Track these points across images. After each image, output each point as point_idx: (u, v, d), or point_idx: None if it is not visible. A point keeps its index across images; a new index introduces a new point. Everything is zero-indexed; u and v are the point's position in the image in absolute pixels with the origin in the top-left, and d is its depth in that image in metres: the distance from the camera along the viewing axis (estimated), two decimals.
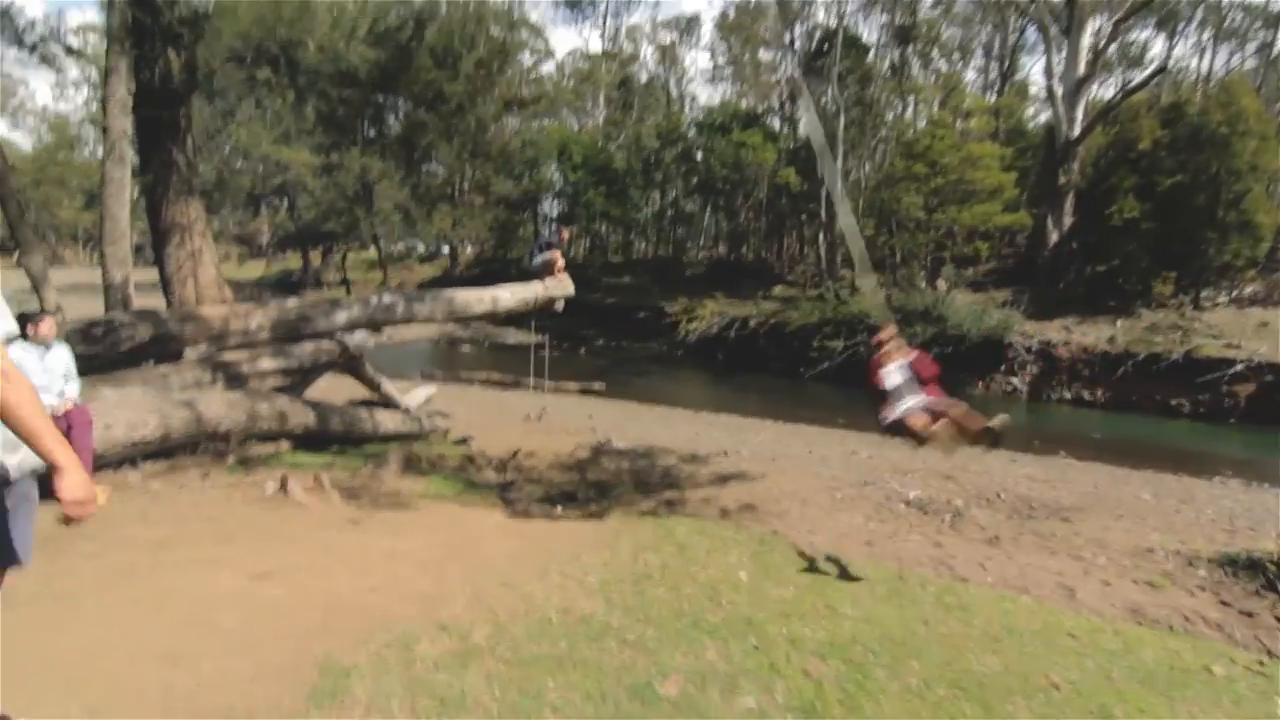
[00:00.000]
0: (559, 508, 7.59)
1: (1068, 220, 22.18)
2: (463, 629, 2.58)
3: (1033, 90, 34.87)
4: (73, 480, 1.58)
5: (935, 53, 31.50)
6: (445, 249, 39.28)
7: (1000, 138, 24.53)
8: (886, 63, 28.89)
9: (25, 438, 1.59)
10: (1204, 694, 2.87)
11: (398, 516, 4.36)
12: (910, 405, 5.20)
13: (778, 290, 26.77)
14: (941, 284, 20.55)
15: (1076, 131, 21.67)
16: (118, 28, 6.02)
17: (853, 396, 18.95)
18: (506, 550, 3.57)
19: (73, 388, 4.74)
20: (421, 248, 45.13)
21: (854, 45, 27.20)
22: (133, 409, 4.93)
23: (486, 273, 33.78)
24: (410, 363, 20.51)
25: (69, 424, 4.44)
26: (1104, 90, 25.78)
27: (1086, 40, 21.95)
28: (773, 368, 22.07)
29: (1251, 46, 31.69)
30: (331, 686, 2.17)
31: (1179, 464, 12.61)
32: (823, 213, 25.35)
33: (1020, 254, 25.44)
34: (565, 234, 10.47)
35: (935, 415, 5.18)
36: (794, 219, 30.84)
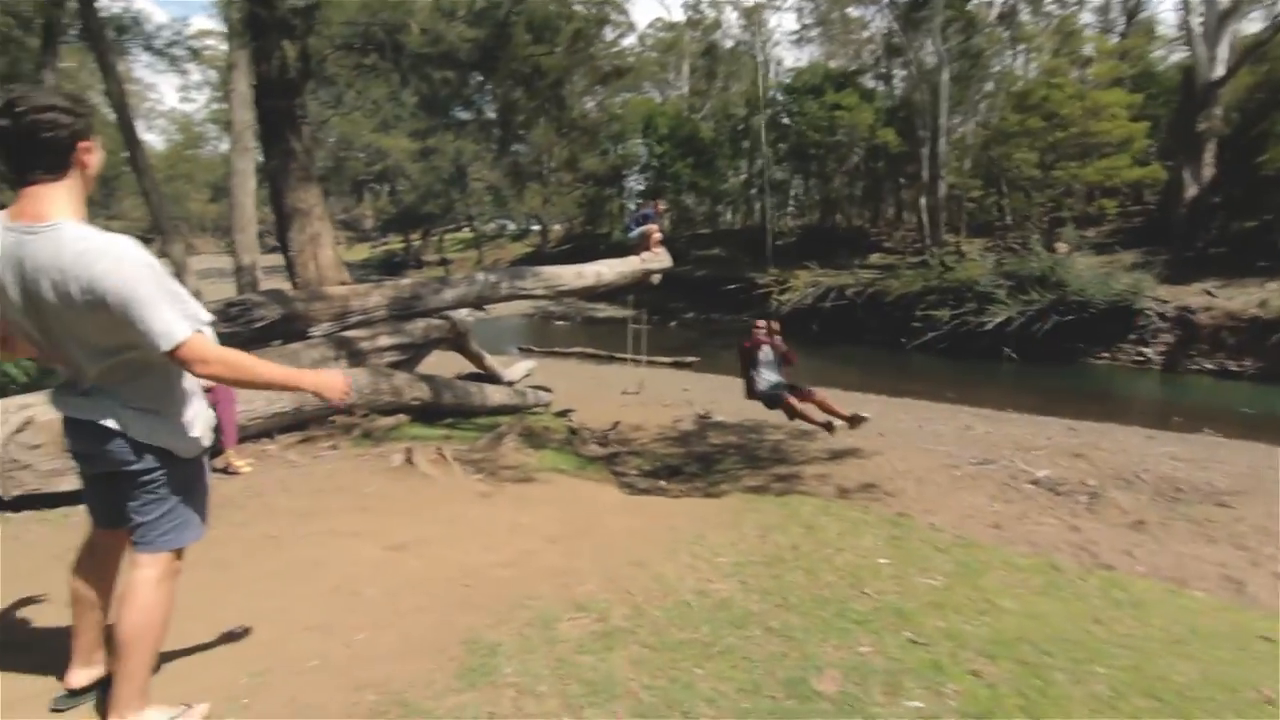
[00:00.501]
0: (664, 481, 7.56)
1: (1208, 172, 19.87)
2: (600, 608, 2.52)
3: (1160, 30, 31.41)
4: (310, 380, 1.88)
5: None
6: (535, 227, 39.98)
7: (1127, 84, 22.18)
8: (994, 12, 26.67)
9: (256, 386, 1.87)
10: None
11: (518, 490, 4.39)
12: (775, 380, 7.15)
13: (875, 258, 25.59)
14: (1061, 246, 18.95)
15: (1220, 72, 19.28)
16: (237, 22, 6.30)
17: (962, 369, 17.94)
18: (630, 527, 3.51)
19: None
20: (512, 226, 46.16)
21: None
22: None
23: (576, 249, 34.15)
24: (505, 338, 21.08)
25: (215, 399, 4.72)
26: (1248, 25, 22.77)
27: None
28: (872, 339, 21.19)
29: None
30: (480, 664, 2.16)
31: None
32: (924, 174, 23.88)
33: (1151, 211, 23.10)
34: (661, 207, 10.29)
35: (803, 395, 7.00)
36: (892, 182, 29.29)
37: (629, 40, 37.21)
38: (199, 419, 1.90)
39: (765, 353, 7.17)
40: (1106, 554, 5.79)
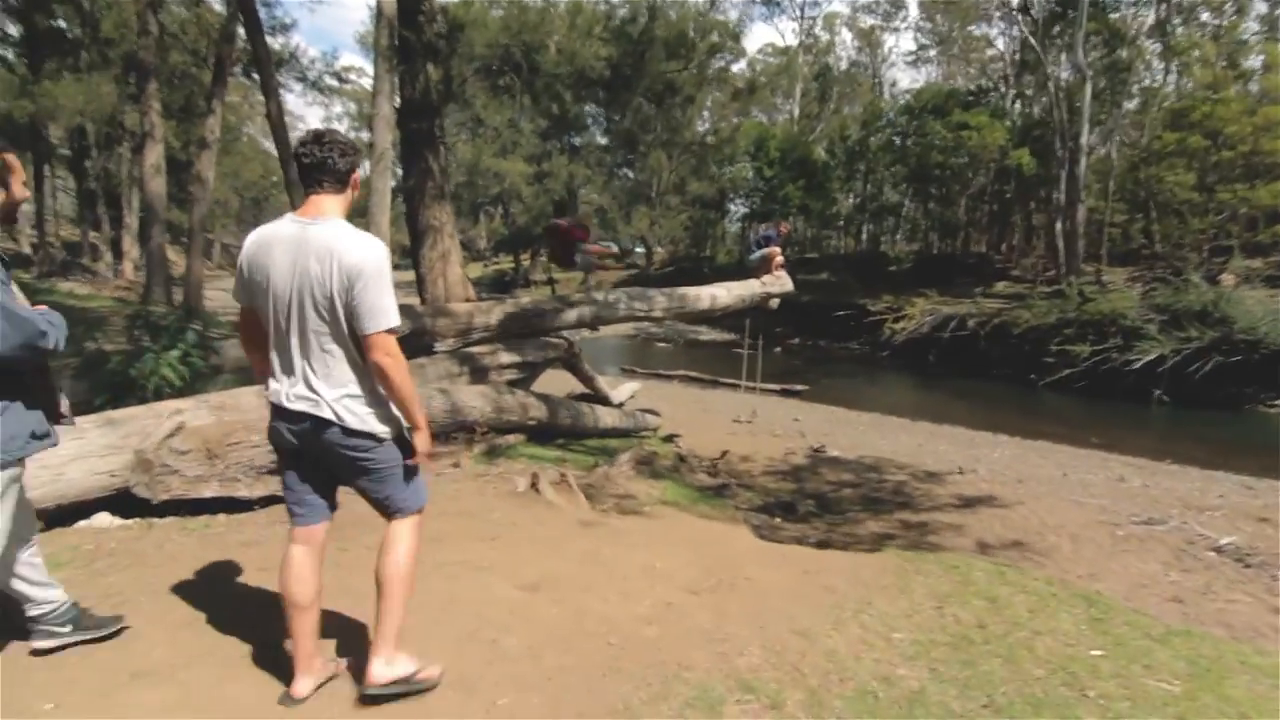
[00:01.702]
0: (778, 519, 7.08)
1: None
2: (770, 692, 2.16)
3: None
4: (424, 437, 2.14)
5: (1202, 7, 26.18)
6: (639, 248, 40.37)
7: None
8: (1145, 22, 24.52)
9: (399, 403, 2.09)
10: None
11: (644, 525, 4.12)
12: None
13: (1000, 286, 23.89)
14: (1228, 278, 16.88)
15: None
16: (386, 48, 6.54)
17: (1103, 411, 16.24)
18: (778, 583, 3.13)
19: None
20: (615, 248, 46.81)
21: (1097, 5, 23.39)
22: None
23: (679, 271, 34.11)
24: (607, 358, 21.11)
25: None
26: None
27: None
28: (996, 374, 19.65)
29: None
30: None
31: None
32: (1061, 197, 22.10)
33: None
34: (785, 229, 9.89)
35: None
36: (1021, 206, 27.36)
37: (739, 66, 37.23)
38: (389, 405, 2.12)
39: None
40: None
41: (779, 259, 9.02)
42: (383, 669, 2.11)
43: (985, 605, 3.02)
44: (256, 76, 16.42)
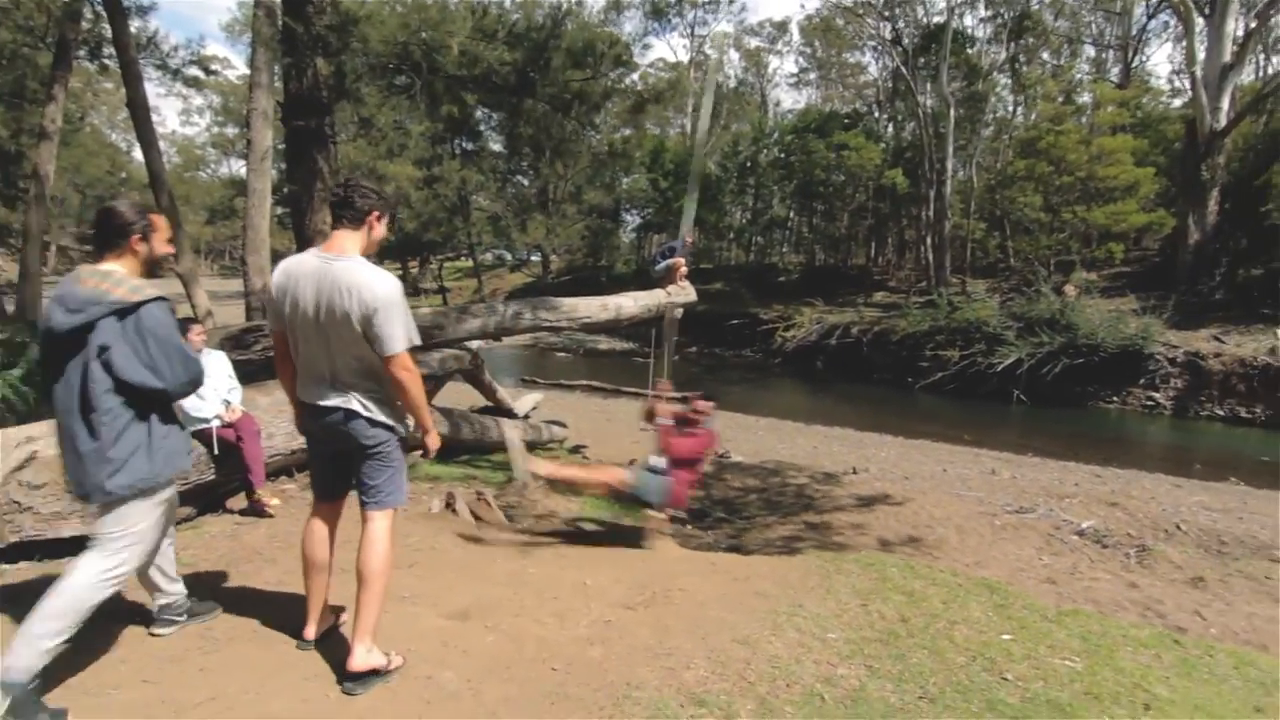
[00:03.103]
0: (689, 526, 7.16)
1: (1212, 219, 20.05)
2: (722, 704, 2.15)
3: (1154, 81, 32.12)
4: (434, 438, 2.69)
5: (1043, 47, 29.46)
6: (534, 257, 39.91)
7: (1132, 131, 22.50)
8: (997, 58, 27.18)
9: (412, 409, 2.48)
10: None
11: (570, 543, 4.01)
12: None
13: (879, 296, 25.57)
14: (1070, 289, 18.92)
15: (1222, 122, 19.58)
16: (269, 38, 6.08)
17: (971, 410, 17.69)
18: (712, 592, 3.14)
19: (236, 396, 4.67)
20: (509, 256, 46.06)
21: (958, 41, 25.71)
22: (289, 417, 4.81)
23: (576, 280, 34.02)
24: (503, 369, 20.65)
25: (238, 434, 4.34)
26: (1242, 77, 23.21)
27: (1231, 25, 19.85)
28: (878, 378, 20.98)
29: None
30: None
31: None
32: (930, 214, 24.00)
33: (1154, 257, 23.26)
34: (690, 240, 10.04)
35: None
36: (896, 222, 29.45)
37: (632, 78, 37.74)
38: (403, 409, 2.52)
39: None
40: (1174, 614, 5.46)
41: (683, 269, 9.15)
42: (364, 655, 2.35)
43: (904, 599, 3.17)
44: (106, 60, 14.84)
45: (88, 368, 2.19)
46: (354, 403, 2.40)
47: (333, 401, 2.41)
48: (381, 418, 2.43)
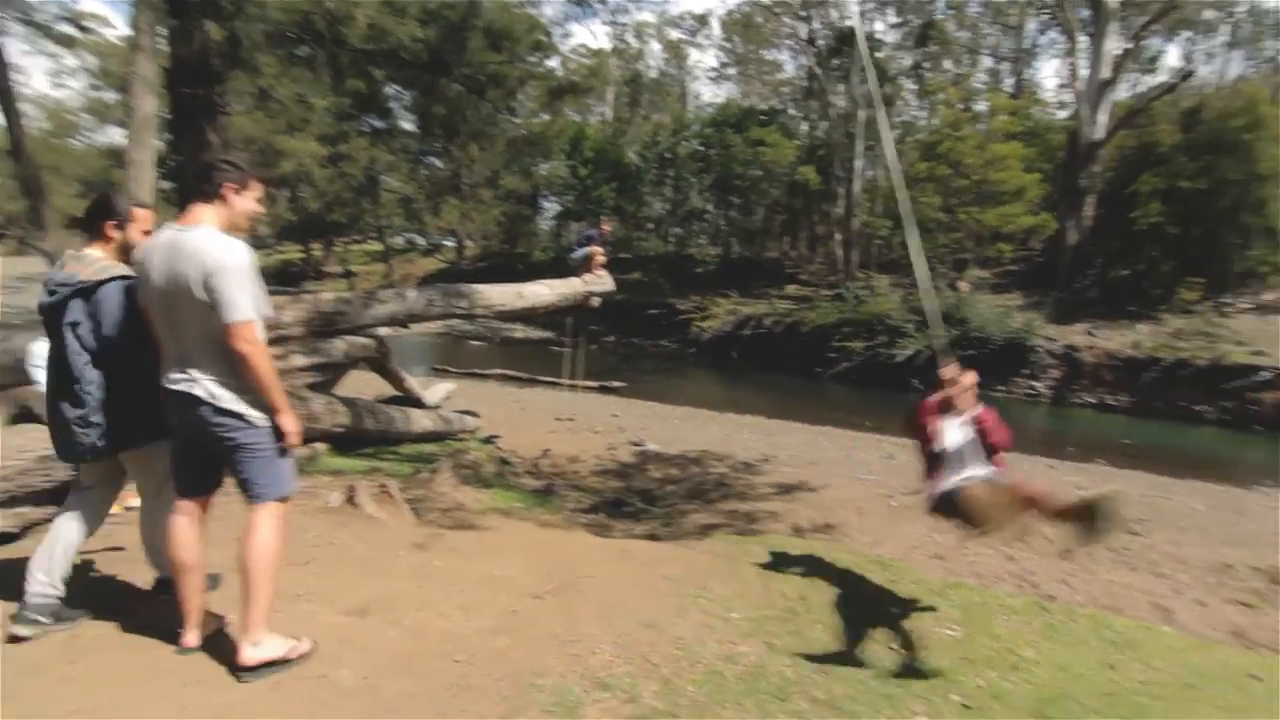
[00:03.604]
0: (607, 517, 7.20)
1: (1088, 223, 21.88)
2: (626, 686, 2.18)
3: (1043, 94, 34.65)
4: (289, 418, 2.37)
5: (946, 55, 31.21)
6: (449, 242, 38.76)
7: (1021, 139, 24.18)
8: (903, 64, 28.52)
9: (261, 389, 2.28)
10: None
11: (476, 534, 3.95)
12: (971, 476, 3.57)
13: (791, 289, 26.39)
14: (964, 285, 20.20)
15: (1100, 134, 21.35)
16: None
17: (874, 399, 18.61)
18: (622, 579, 3.17)
19: None
20: (422, 240, 44.57)
21: (870, 44, 26.81)
22: None
23: (493, 267, 33.32)
24: (415, 357, 20.03)
25: None
26: (1118, 93, 25.45)
27: (1110, 44, 21.64)
28: (789, 367, 21.70)
29: (1266, 53, 31.50)
30: None
31: (1214, 472, 12.33)
32: (840, 211, 24.97)
33: (1037, 257, 25.13)
34: (607, 227, 10.04)
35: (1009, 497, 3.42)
36: (808, 218, 30.44)
37: (553, 62, 37.21)
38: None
39: (960, 429, 3.81)
40: (1046, 584, 5.97)
41: (600, 258, 9.16)
42: (251, 651, 2.27)
43: (804, 579, 3.31)
44: None
45: (65, 342, 2.52)
46: (198, 388, 2.27)
47: (180, 386, 2.29)
48: (229, 405, 2.28)
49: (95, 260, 2.60)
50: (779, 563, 3.52)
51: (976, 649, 2.72)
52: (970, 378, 4.05)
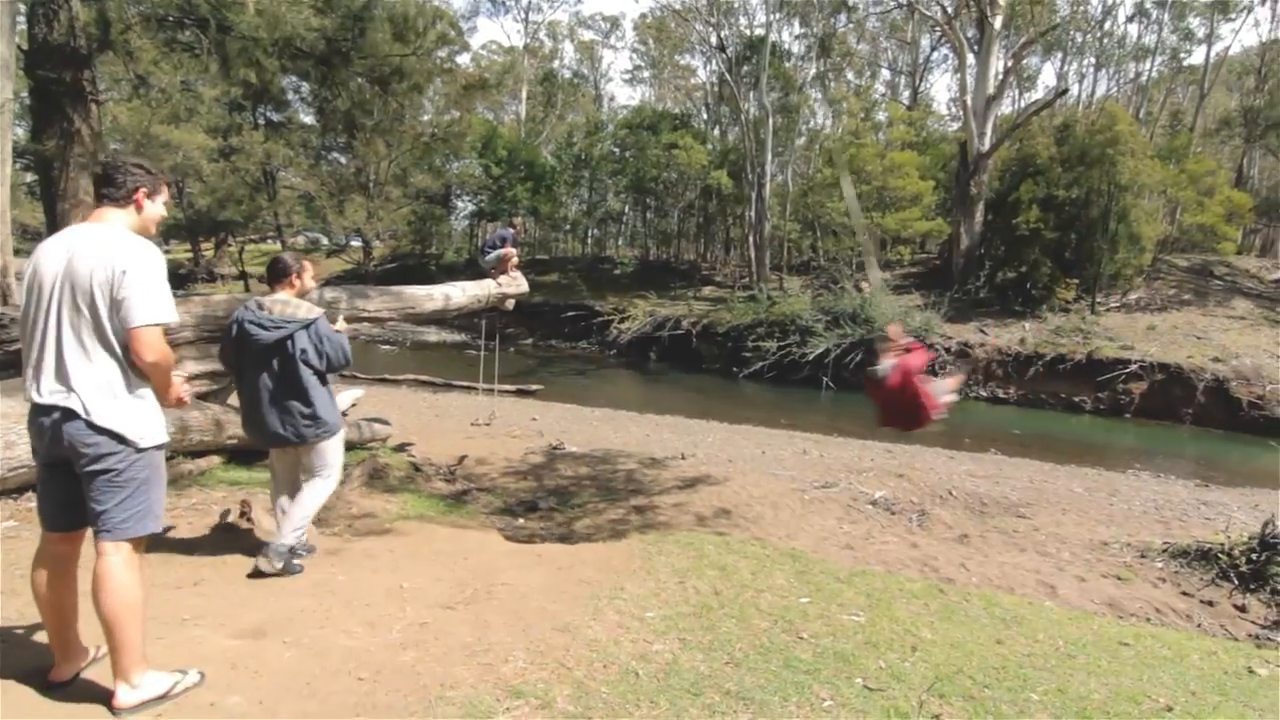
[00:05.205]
0: (520, 520, 7.10)
1: (978, 228, 23.45)
2: (539, 692, 2.14)
3: (936, 106, 36.97)
4: (172, 391, 2.30)
5: (848, 67, 32.75)
6: (355, 242, 37.17)
7: (916, 149, 25.65)
8: (809, 73, 29.64)
9: (158, 393, 2.21)
10: (1266, 698, 2.84)
11: (386, 545, 3.79)
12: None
13: (707, 291, 26.91)
14: (866, 286, 21.20)
15: (986, 145, 22.92)
16: None
17: (788, 396, 19.26)
18: (536, 583, 3.12)
19: None
20: (325, 240, 42.53)
21: (777, 54, 27.73)
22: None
23: (403, 268, 32.24)
24: None
25: None
26: (1002, 108, 27.49)
27: (994, 62, 23.29)
28: (707, 368, 22.12)
29: (1128, 74, 34.78)
30: None
31: (1092, 457, 13.49)
32: (751, 215, 25.67)
33: (932, 259, 26.72)
34: (518, 224, 9.89)
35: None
36: (722, 220, 31.13)
37: (463, 58, 36.36)
38: (156, 412, 2.21)
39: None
40: (945, 568, 6.31)
41: (514, 259, 9.01)
42: (128, 694, 2.09)
43: (718, 574, 3.37)
44: None
45: (293, 362, 3.38)
46: (74, 400, 2.05)
47: (53, 399, 2.06)
48: (106, 423, 2.06)
49: (291, 302, 3.51)
50: (694, 560, 3.57)
51: (879, 633, 2.84)
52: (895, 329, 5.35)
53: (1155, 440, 16.33)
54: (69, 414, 2.04)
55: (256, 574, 3.03)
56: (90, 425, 2.04)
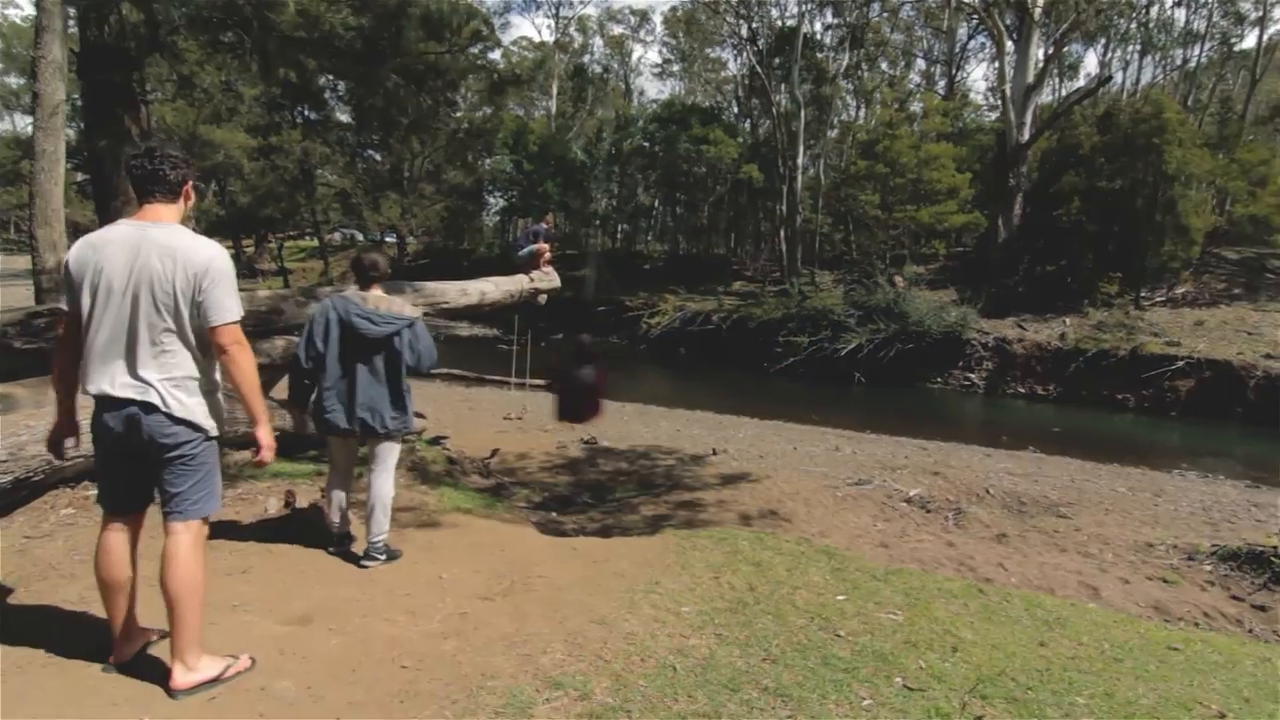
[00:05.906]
0: (555, 514, 7.16)
1: (1017, 221, 22.89)
2: (578, 684, 2.16)
3: (973, 96, 36.11)
4: (265, 431, 2.37)
5: (881, 57, 32.17)
6: (389, 238, 37.78)
7: (953, 140, 25.11)
8: (841, 64, 29.20)
9: (242, 393, 2.26)
10: None
11: (426, 537, 3.86)
12: None
13: (737, 285, 26.75)
14: (900, 281, 20.86)
15: (1026, 136, 22.34)
16: None
17: (819, 392, 19.05)
18: (572, 577, 3.15)
19: None
20: (361, 236, 43.30)
21: (809, 45, 27.36)
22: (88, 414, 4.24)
23: (435, 263, 32.65)
24: None
25: None
26: (1042, 97, 26.76)
27: (1034, 51, 22.66)
28: (737, 363, 21.99)
29: (1175, 60, 33.55)
30: None
31: (1135, 456, 13.09)
32: (783, 209, 25.43)
33: (969, 253, 26.16)
34: (550, 220, 9.96)
35: None
36: (753, 215, 30.90)
37: (494, 55, 36.56)
38: (218, 405, 2.31)
39: None
40: (983, 567, 6.19)
41: (547, 255, 9.09)
42: (184, 675, 2.17)
43: (753, 570, 3.36)
44: None
45: (397, 357, 3.52)
46: (153, 394, 2.14)
47: (128, 393, 2.14)
48: (184, 415, 2.18)
49: (396, 300, 3.75)
50: (728, 555, 3.56)
51: (918, 632, 2.80)
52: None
53: (1203, 440, 15.79)
54: (148, 407, 2.14)
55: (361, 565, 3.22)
56: (170, 417, 2.15)
